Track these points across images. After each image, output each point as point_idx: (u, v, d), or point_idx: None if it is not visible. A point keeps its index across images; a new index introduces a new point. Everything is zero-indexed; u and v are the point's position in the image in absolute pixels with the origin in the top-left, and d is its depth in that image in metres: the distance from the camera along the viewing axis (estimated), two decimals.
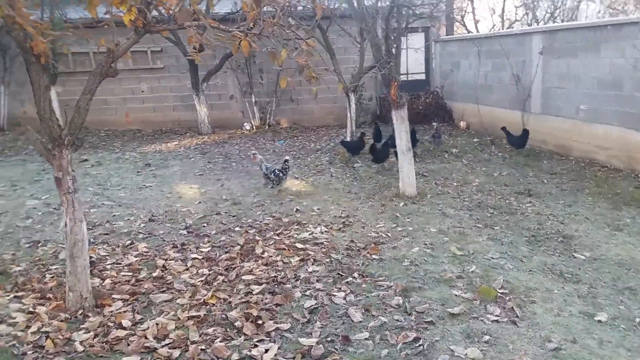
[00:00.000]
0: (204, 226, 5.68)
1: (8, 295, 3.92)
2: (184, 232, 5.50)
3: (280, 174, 6.97)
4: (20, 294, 3.94)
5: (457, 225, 5.50)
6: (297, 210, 6.16)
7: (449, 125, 12.39)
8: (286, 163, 7.05)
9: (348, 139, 9.25)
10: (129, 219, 5.99)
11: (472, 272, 4.30)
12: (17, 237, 5.38)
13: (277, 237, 5.18)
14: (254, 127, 12.99)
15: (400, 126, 6.47)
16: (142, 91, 13.20)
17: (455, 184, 7.28)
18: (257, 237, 5.17)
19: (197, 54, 4.12)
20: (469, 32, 14.06)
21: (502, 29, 13.11)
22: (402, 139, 6.50)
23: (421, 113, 12.56)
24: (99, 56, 12.73)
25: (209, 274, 4.32)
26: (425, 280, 4.15)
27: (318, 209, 6.19)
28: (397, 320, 3.50)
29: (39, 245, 5.10)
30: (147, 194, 7.10)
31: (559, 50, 8.65)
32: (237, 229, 5.54)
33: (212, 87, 13.12)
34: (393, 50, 6.06)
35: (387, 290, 3.94)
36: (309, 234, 5.27)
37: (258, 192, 7.05)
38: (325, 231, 5.37)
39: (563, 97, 8.70)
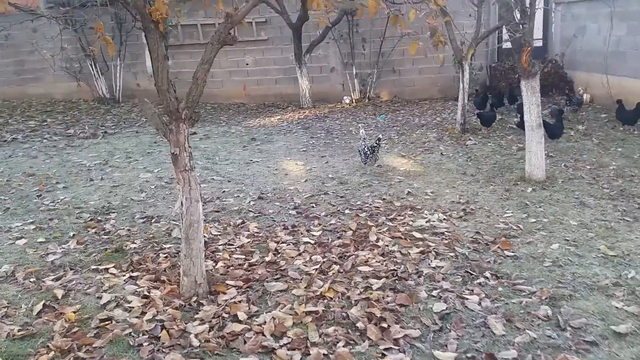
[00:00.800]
0: (313, 207, 5.34)
1: (124, 275, 3.82)
2: (293, 212, 5.20)
3: (368, 152, 6.55)
4: (135, 274, 3.83)
5: (600, 218, 4.67)
6: (408, 193, 5.62)
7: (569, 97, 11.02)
8: (378, 141, 6.62)
9: (459, 114, 8.45)
10: (238, 196, 5.81)
11: (631, 278, 3.55)
12: (132, 211, 5.38)
13: (390, 224, 4.70)
14: (354, 101, 12.47)
15: (531, 98, 5.64)
16: (247, 64, 13.14)
17: (588, 167, 6.32)
18: (369, 222, 4.73)
19: (321, 17, 3.68)
20: None
21: None
22: (532, 113, 5.67)
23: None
24: (207, 28, 12.82)
25: (323, 262, 3.96)
26: (575, 286, 3.47)
27: (432, 193, 5.61)
28: (550, 337, 2.90)
29: (152, 221, 5.05)
30: (255, 170, 6.91)
31: None
32: (346, 211, 5.14)
33: (314, 59, 12.71)
34: (528, 10, 5.21)
35: (531, 297, 3.33)
36: (426, 222, 4.73)
37: (364, 171, 6.59)
38: (444, 219, 4.79)
39: None
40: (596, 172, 6.07)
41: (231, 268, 3.93)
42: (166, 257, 4.16)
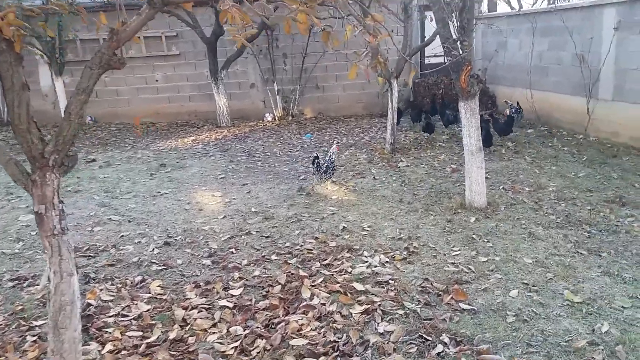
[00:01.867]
0: (232, 252, 4.51)
1: None
2: (208, 261, 4.34)
3: (330, 166, 6.34)
4: None
5: (554, 253, 4.25)
6: (343, 228, 4.95)
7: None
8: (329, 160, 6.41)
9: (388, 134, 7.98)
10: (139, 242, 4.85)
11: (605, 333, 3.07)
12: (1, 269, 4.27)
13: (326, 272, 3.99)
14: (276, 118, 11.77)
15: (471, 120, 5.20)
16: (157, 80, 12.04)
17: (527, 189, 6.00)
18: (301, 272, 3.98)
19: (236, 34, 2.92)
20: (512, 8, 12.57)
21: (550, 3, 11.66)
22: (472, 136, 5.23)
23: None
24: (130, 41, 11.57)
25: (245, 335, 3.15)
26: (549, 350, 2.93)
27: (369, 227, 4.98)
28: None
29: (25, 284, 3.98)
30: (162, 205, 5.95)
31: None
32: (273, 257, 4.36)
33: (232, 74, 11.89)
34: (466, 25, 4.77)
35: None
36: (366, 266, 4.07)
37: (292, 202, 5.86)
38: (387, 262, 4.16)
39: None
40: (537, 195, 5.75)
41: (123, 353, 3.02)
42: (35, 341, 3.16)
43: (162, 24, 11.53)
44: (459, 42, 4.81)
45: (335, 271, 3.99)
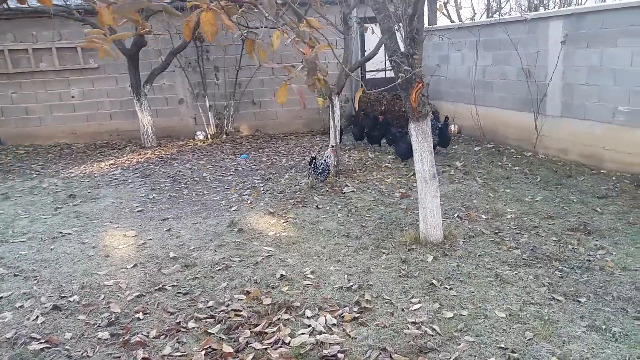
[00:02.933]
0: (139, 318, 3.57)
1: None
2: (106, 333, 3.38)
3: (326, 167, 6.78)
4: None
5: (529, 301, 3.62)
6: (281, 277, 4.12)
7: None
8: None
9: (332, 155, 7.25)
10: (22, 306, 3.80)
11: None
12: None
13: (258, 346, 3.14)
14: (209, 137, 10.81)
15: (423, 144, 4.54)
16: (72, 96, 10.77)
17: (484, 216, 5.43)
18: (225, 347, 3.11)
19: (98, 42, 2.08)
20: (452, 21, 12.31)
21: (488, 16, 11.46)
22: (425, 162, 4.57)
23: (403, 115, 10.70)
24: (40, 52, 10.27)
25: None
26: None
27: (312, 273, 4.18)
28: None
29: None
30: (62, 250, 4.89)
31: (589, 37, 6.95)
32: (191, 324, 3.46)
33: (157, 89, 10.84)
34: (416, 36, 4.11)
35: None
36: (309, 333, 3.26)
37: (221, 242, 4.97)
38: (334, 324, 3.37)
39: (593, 96, 7.02)
40: (495, 224, 5.18)
41: None
42: None
43: (78, 34, 10.33)
44: (408, 56, 4.14)
45: (270, 343, 3.15)
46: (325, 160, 6.93)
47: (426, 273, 4.10)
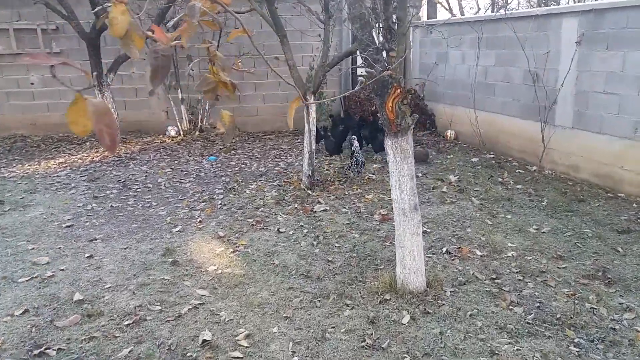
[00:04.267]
0: None
1: None
2: None
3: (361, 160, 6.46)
4: None
5: None
6: (204, 343, 3.06)
7: (431, 134, 9.52)
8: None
9: (305, 163, 6.18)
10: None
11: None
12: None
13: None
14: (181, 133, 9.72)
15: (401, 166, 3.47)
16: (32, 83, 9.66)
17: (478, 252, 4.37)
18: None
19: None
20: (452, 15, 11.19)
21: (497, 10, 10.33)
22: (404, 189, 3.50)
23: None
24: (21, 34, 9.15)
25: None
26: None
27: (246, 338, 3.12)
28: None
29: None
30: None
31: (610, 38, 5.86)
32: None
33: (126, 79, 9.75)
34: (395, 26, 3.02)
35: None
36: None
37: (146, 278, 3.91)
38: None
39: (612, 107, 5.94)
40: (492, 265, 4.12)
41: None
42: None
43: (38, 15, 9.22)
44: (384, 52, 3.06)
45: None
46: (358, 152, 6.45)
47: (399, 343, 3.04)
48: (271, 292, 3.69)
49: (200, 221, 5.15)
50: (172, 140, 9.29)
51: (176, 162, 7.67)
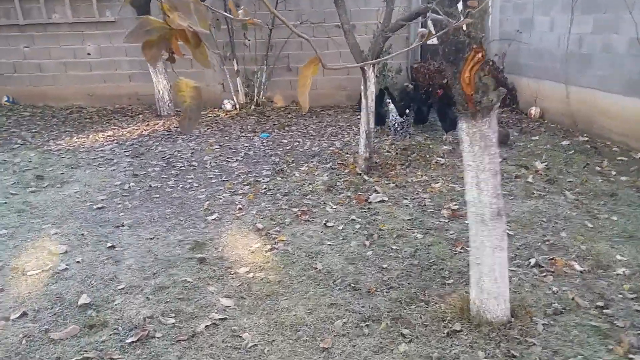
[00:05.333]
0: None
1: None
2: None
3: (397, 127, 6.23)
4: None
5: None
6: None
7: (512, 111, 8.29)
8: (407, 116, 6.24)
9: (362, 144, 5.33)
10: None
11: None
12: None
13: None
14: (237, 107, 9.12)
15: (481, 157, 2.57)
16: (88, 54, 9.38)
17: (578, 266, 3.38)
18: None
19: None
20: None
21: None
22: (483, 189, 2.61)
23: None
24: (53, 2, 8.94)
25: None
26: None
27: None
28: None
29: None
30: None
31: None
32: None
33: (181, 49, 9.19)
34: None
35: None
36: None
37: (165, 279, 3.29)
38: None
39: None
40: (598, 286, 3.13)
41: None
42: None
43: None
44: (460, 2, 2.15)
45: None
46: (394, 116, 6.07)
47: None
48: (308, 309, 2.94)
49: (240, 208, 4.48)
50: (227, 114, 8.71)
51: (226, 138, 7.07)
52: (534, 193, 4.70)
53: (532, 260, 3.48)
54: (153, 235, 3.97)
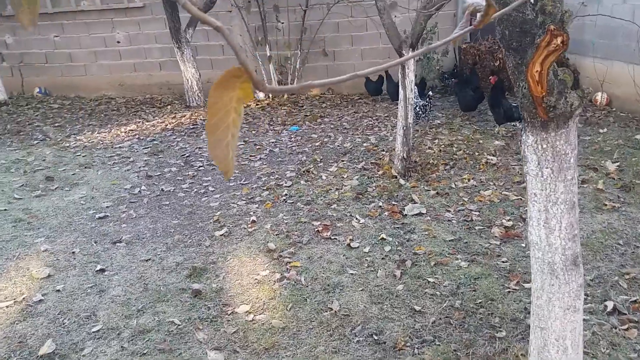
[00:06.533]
0: None
1: None
2: None
3: (420, 111, 5.73)
4: None
5: None
6: None
7: None
8: (429, 100, 5.86)
9: (398, 142, 4.55)
10: None
11: None
12: None
13: None
14: (270, 95, 8.48)
15: (553, 184, 1.79)
16: (118, 42, 8.98)
17: None
18: None
19: None
20: None
21: None
22: (555, 228, 1.83)
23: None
24: None
25: None
26: None
27: None
28: None
29: None
30: None
31: None
32: None
33: (212, 35, 8.64)
34: None
35: None
36: None
37: (149, 321, 2.72)
38: None
39: None
40: None
41: None
42: None
43: None
44: None
45: None
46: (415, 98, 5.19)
47: None
48: None
49: (253, 221, 3.85)
50: (258, 104, 8.09)
51: (253, 132, 6.45)
52: (605, 205, 3.80)
53: (609, 305, 2.66)
54: (150, 256, 3.40)
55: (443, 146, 5.29)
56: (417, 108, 5.73)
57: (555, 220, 1.85)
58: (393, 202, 4.04)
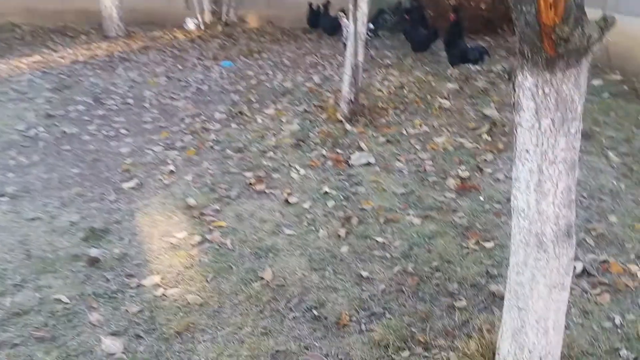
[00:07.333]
0: None
1: None
2: None
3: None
4: None
5: None
6: None
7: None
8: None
9: (345, 82, 4.02)
10: None
11: None
12: None
13: None
14: (202, 26, 7.62)
15: (553, 138, 1.38)
16: None
17: None
18: None
19: None
20: None
21: None
22: (549, 193, 1.43)
23: (483, 17, 6.99)
24: None
25: None
26: None
27: None
28: None
29: None
30: None
31: None
32: None
33: None
34: None
35: None
36: None
37: (32, 295, 2.12)
38: None
39: None
40: None
41: None
42: None
43: None
44: None
45: None
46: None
47: None
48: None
49: (171, 171, 3.26)
50: (187, 36, 7.22)
51: (179, 67, 5.68)
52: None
53: (578, 266, 2.35)
54: (38, 214, 2.75)
55: (393, 88, 4.83)
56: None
57: (551, 183, 1.44)
58: (338, 151, 3.56)
